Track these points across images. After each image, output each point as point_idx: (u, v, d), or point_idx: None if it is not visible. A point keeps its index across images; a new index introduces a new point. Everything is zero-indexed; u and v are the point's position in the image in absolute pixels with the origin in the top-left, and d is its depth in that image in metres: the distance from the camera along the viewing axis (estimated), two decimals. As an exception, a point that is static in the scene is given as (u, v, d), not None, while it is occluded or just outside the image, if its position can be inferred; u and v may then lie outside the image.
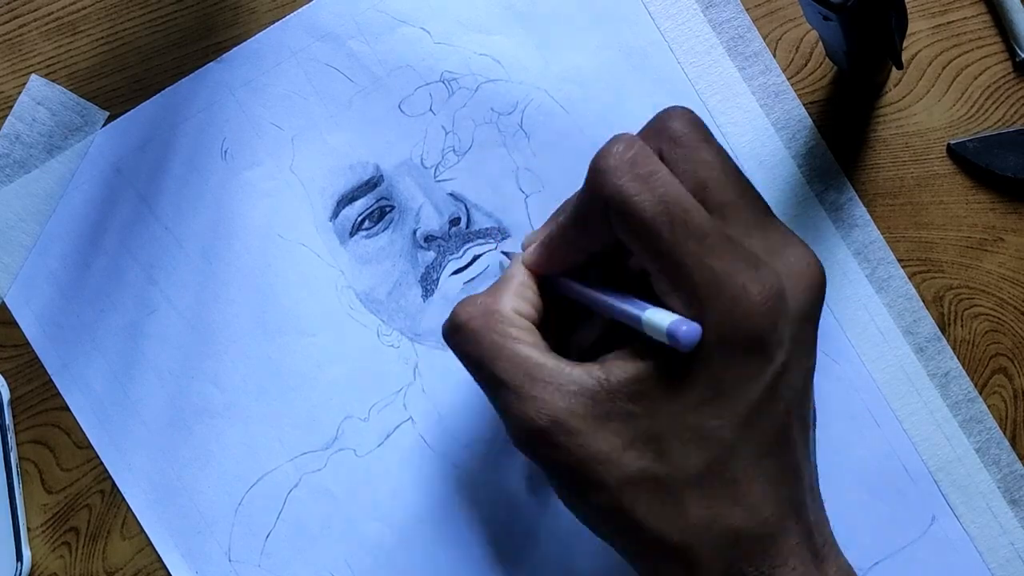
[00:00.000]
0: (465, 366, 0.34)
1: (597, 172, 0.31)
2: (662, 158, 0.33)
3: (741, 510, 0.30)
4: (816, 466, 0.34)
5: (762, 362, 0.30)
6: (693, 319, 0.30)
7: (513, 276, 0.35)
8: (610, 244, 0.33)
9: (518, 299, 0.34)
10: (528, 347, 0.33)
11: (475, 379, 0.34)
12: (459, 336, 0.34)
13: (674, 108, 0.33)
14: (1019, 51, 0.41)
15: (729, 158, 0.33)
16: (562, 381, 0.31)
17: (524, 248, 0.37)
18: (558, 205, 0.43)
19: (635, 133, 0.33)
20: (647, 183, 0.30)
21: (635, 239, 0.31)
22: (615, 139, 0.31)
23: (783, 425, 0.31)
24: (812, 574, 0.32)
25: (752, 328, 0.30)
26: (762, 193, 0.42)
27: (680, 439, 0.30)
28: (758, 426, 0.31)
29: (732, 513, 0.30)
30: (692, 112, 0.33)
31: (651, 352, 0.31)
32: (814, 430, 0.34)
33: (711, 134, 0.33)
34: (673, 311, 0.31)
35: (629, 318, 0.32)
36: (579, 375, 0.31)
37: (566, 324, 0.36)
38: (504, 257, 0.42)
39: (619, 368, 0.31)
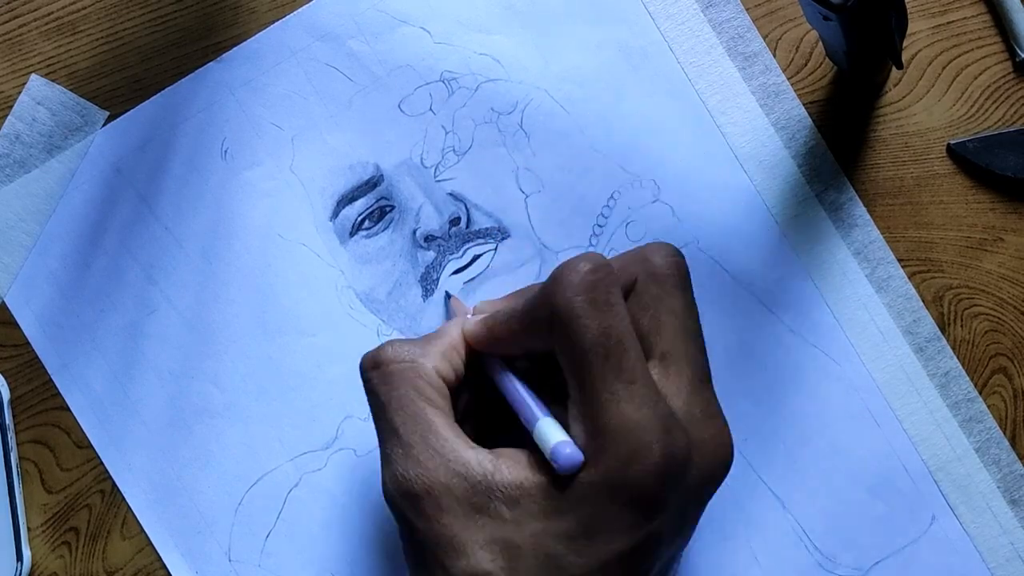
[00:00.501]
0: (370, 402, 0.34)
1: (554, 281, 0.31)
2: (633, 287, 0.33)
3: None
4: None
5: (640, 521, 0.30)
6: (589, 454, 0.30)
7: (447, 334, 0.36)
8: (548, 351, 0.33)
9: (444, 360, 0.35)
10: (435, 412, 0.33)
11: (374, 419, 0.34)
12: (376, 373, 0.34)
13: (663, 244, 0.34)
14: (1019, 51, 0.41)
15: (694, 314, 0.33)
16: (451, 458, 0.32)
17: (475, 313, 0.38)
18: (558, 206, 0.43)
19: (616, 256, 0.34)
20: (598, 310, 0.30)
21: (567, 359, 0.31)
22: (586, 256, 0.32)
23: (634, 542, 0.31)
24: None
25: (642, 485, 0.30)
26: (762, 193, 0.42)
27: (536, 559, 0.30)
28: (609, 543, 0.30)
29: None
30: (679, 254, 0.34)
31: (544, 468, 0.31)
32: None
33: (689, 282, 0.34)
34: (572, 437, 0.31)
35: (526, 419, 0.32)
36: (469, 458, 0.32)
37: (483, 392, 0.36)
38: (450, 297, 0.42)
39: (508, 469, 0.31)
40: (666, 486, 0.30)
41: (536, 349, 0.34)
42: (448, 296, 0.42)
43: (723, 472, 0.33)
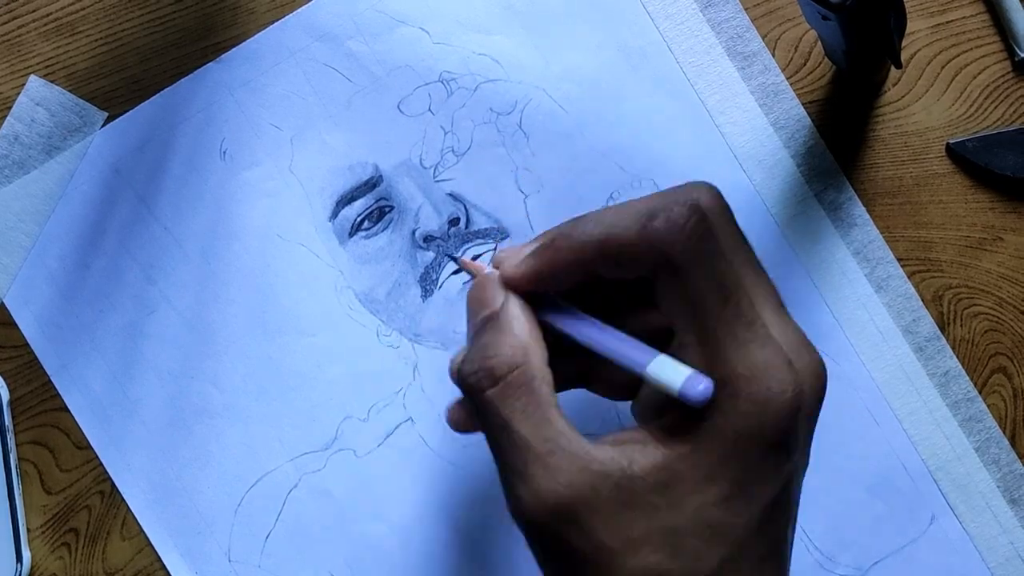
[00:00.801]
0: (487, 420, 0.31)
1: (664, 224, 0.30)
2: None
3: None
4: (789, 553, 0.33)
5: (782, 461, 0.29)
6: (724, 404, 0.29)
7: (518, 315, 0.32)
8: (614, 287, 0.31)
9: (539, 346, 0.31)
10: (557, 413, 0.30)
11: (492, 436, 0.31)
12: (496, 391, 0.31)
13: (705, 187, 0.31)
14: (1018, 50, 0.41)
15: (752, 248, 0.32)
16: (587, 459, 0.29)
17: (497, 262, 0.34)
18: (557, 206, 0.43)
19: (671, 191, 0.31)
20: (709, 258, 0.29)
21: (684, 310, 0.30)
22: (676, 200, 0.30)
23: (787, 526, 0.31)
24: None
25: (779, 427, 0.29)
26: (761, 193, 0.42)
27: (698, 535, 0.29)
28: (770, 526, 0.30)
29: None
30: (721, 193, 0.32)
31: (675, 438, 0.30)
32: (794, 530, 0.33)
33: (735, 219, 0.32)
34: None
35: (632, 361, 0.30)
36: (603, 455, 0.29)
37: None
38: (457, 260, 0.38)
39: (642, 455, 0.29)
40: (799, 421, 0.29)
41: (606, 278, 0.31)
42: (455, 259, 0.40)
43: (823, 393, 0.31)
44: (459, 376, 0.32)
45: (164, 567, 0.43)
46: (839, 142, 0.42)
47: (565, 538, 0.29)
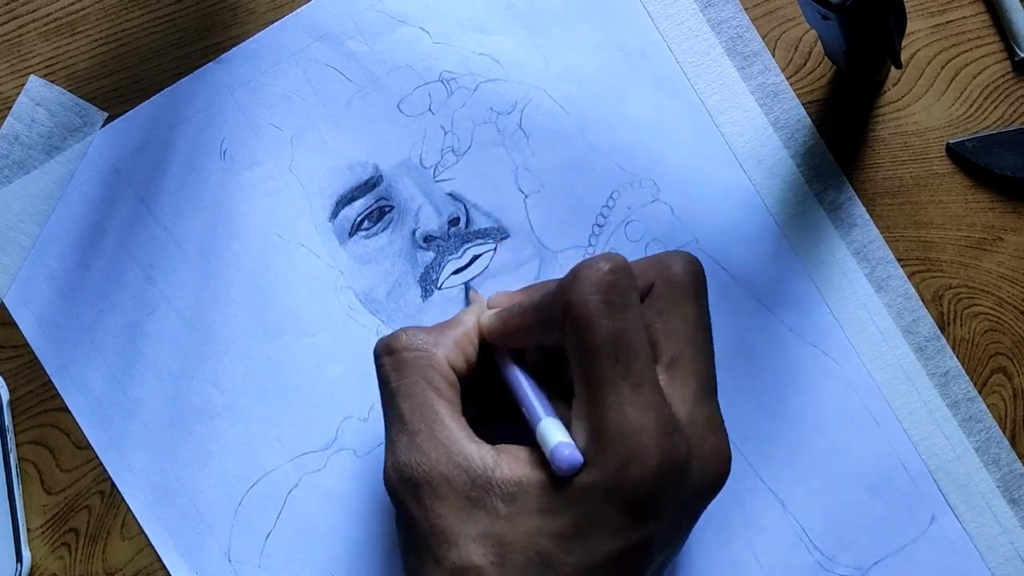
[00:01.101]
0: (380, 388, 0.35)
1: (573, 277, 0.31)
2: (649, 291, 0.33)
3: None
4: None
5: (634, 524, 0.30)
6: (589, 455, 0.30)
7: (462, 323, 0.36)
8: (560, 346, 0.33)
9: (457, 350, 0.35)
10: (443, 403, 0.33)
11: (383, 404, 0.35)
12: (389, 359, 0.35)
13: (682, 253, 0.34)
14: (1018, 50, 0.41)
15: (707, 325, 0.34)
16: (454, 449, 0.32)
17: (489, 305, 0.38)
18: (557, 206, 0.43)
19: (635, 260, 0.34)
20: (612, 311, 0.31)
21: (576, 357, 0.31)
22: (606, 256, 0.32)
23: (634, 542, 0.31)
24: None
25: (639, 489, 0.30)
26: (761, 193, 0.42)
27: (526, 556, 0.30)
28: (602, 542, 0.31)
29: None
30: (698, 264, 0.34)
31: (544, 467, 0.31)
32: None
33: (704, 293, 0.34)
34: (573, 436, 0.31)
35: (530, 416, 0.33)
36: (472, 452, 0.32)
37: (492, 382, 0.37)
38: (469, 290, 0.42)
39: (508, 465, 0.32)
40: (662, 491, 0.30)
41: (548, 344, 0.34)
42: (467, 288, 0.42)
43: (719, 485, 0.33)
44: (375, 345, 0.36)
45: (164, 567, 0.43)
46: (839, 142, 0.42)
47: (410, 511, 0.32)
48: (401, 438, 0.33)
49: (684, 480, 0.31)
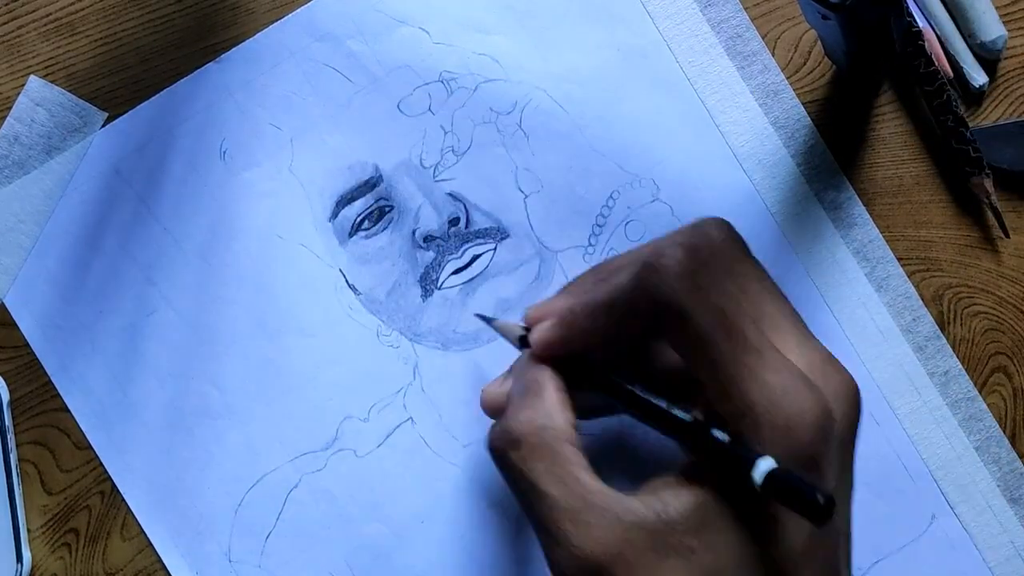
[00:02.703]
0: (515, 484, 0.31)
1: (654, 273, 0.30)
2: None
3: None
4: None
5: (815, 483, 0.28)
6: (748, 435, 0.29)
7: (545, 382, 0.33)
8: (638, 338, 0.31)
9: (567, 411, 0.32)
10: (586, 472, 0.30)
11: (523, 499, 0.31)
12: (518, 454, 0.31)
13: (712, 219, 0.32)
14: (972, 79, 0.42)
15: (767, 274, 0.32)
16: (619, 511, 0.29)
17: (528, 320, 0.35)
18: (557, 206, 0.43)
19: (673, 233, 0.32)
20: (706, 295, 0.29)
21: (690, 350, 0.30)
22: (672, 244, 0.30)
23: (836, 549, 0.30)
24: None
25: (808, 450, 0.28)
26: (761, 192, 0.42)
27: (740, 572, 0.29)
28: (816, 553, 0.29)
29: None
30: (729, 224, 0.32)
31: (703, 478, 0.29)
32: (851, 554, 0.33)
33: (748, 248, 0.32)
34: (722, 422, 0.29)
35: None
36: (635, 505, 0.29)
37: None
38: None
39: (675, 498, 0.29)
40: (827, 441, 0.29)
41: (623, 339, 0.32)
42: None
43: (859, 412, 0.31)
44: (488, 444, 0.32)
45: (164, 567, 0.43)
46: (839, 141, 0.42)
47: None
48: (564, 525, 0.29)
49: (841, 423, 0.30)
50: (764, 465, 0.27)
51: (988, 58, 0.42)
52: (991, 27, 0.41)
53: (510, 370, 0.36)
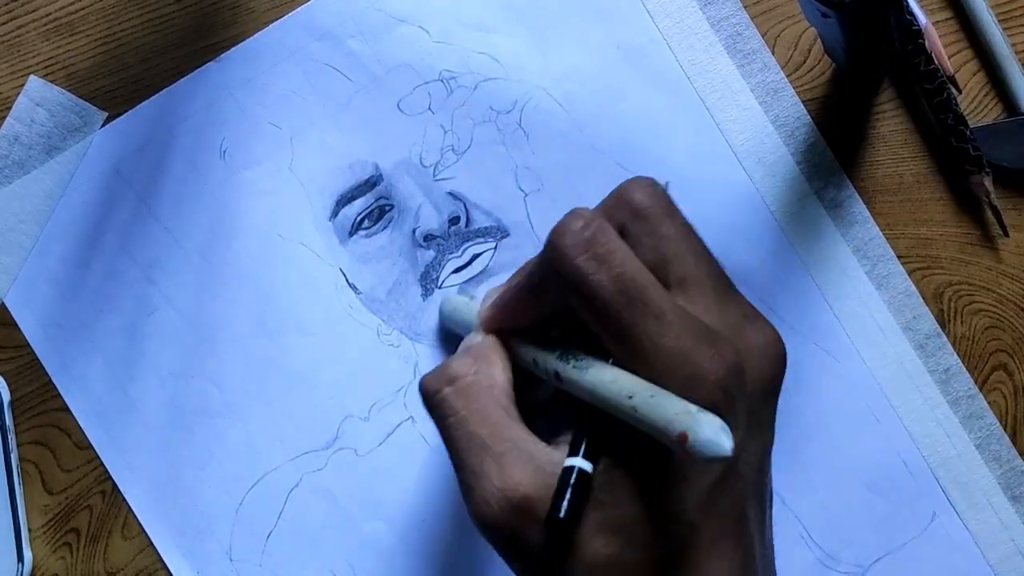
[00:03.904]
0: (443, 423, 0.33)
1: (554, 249, 0.31)
2: (623, 231, 0.32)
3: None
4: (773, 543, 0.34)
5: None
6: None
7: (490, 346, 0.35)
8: (562, 310, 0.32)
9: (507, 372, 0.34)
10: (514, 419, 0.32)
11: (449, 439, 0.32)
12: (451, 390, 0.33)
13: (636, 179, 0.33)
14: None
15: (692, 231, 0.33)
16: (543, 458, 0.31)
17: (484, 302, 0.37)
18: (557, 205, 0.43)
19: (595, 206, 0.33)
20: (604, 262, 0.30)
21: (592, 318, 0.30)
22: (573, 214, 0.31)
23: (741, 503, 0.31)
24: None
25: (708, 406, 0.29)
26: (761, 191, 0.42)
27: (646, 522, 0.30)
28: (718, 504, 0.30)
29: None
30: (655, 183, 0.33)
31: (622, 440, 0.30)
32: (770, 508, 0.34)
33: (675, 206, 0.33)
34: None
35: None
36: (558, 456, 0.31)
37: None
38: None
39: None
40: (732, 400, 0.29)
41: (553, 312, 0.33)
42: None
43: (780, 365, 0.32)
44: (419, 385, 0.34)
45: (165, 567, 0.43)
46: (839, 139, 0.42)
47: (523, 535, 0.30)
48: (488, 466, 0.31)
49: (744, 379, 0.30)
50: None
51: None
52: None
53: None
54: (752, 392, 0.31)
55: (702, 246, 0.33)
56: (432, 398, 0.33)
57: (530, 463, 0.31)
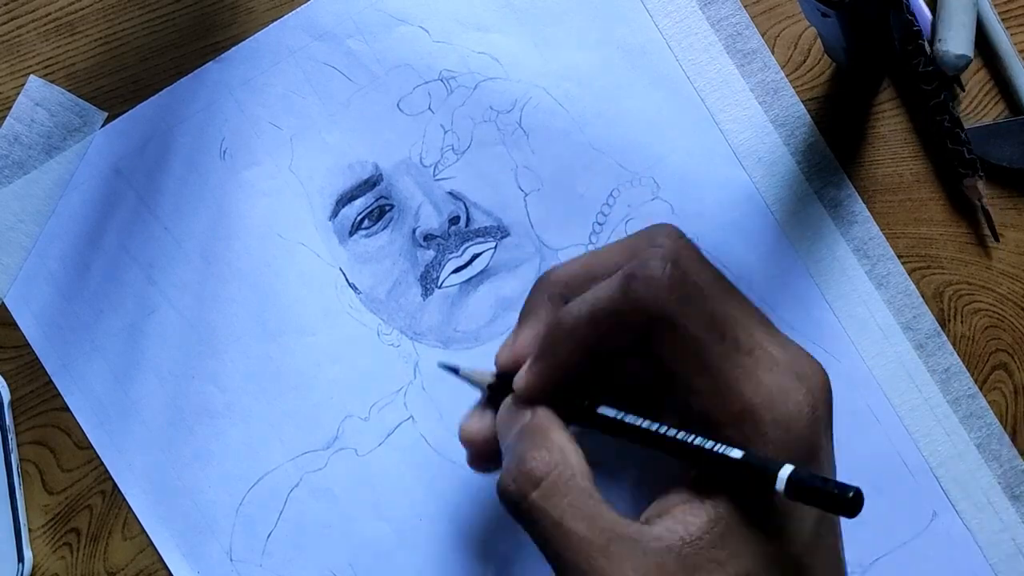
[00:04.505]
0: (535, 527, 0.30)
1: (642, 284, 0.30)
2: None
3: None
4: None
5: (815, 468, 0.29)
6: (750, 435, 0.29)
7: (549, 424, 0.32)
8: (619, 352, 0.31)
9: (578, 448, 0.32)
10: (604, 505, 0.30)
11: (546, 543, 0.30)
12: (538, 493, 0.30)
13: (662, 226, 0.32)
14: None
15: (722, 275, 0.32)
16: (646, 540, 0.29)
17: (501, 366, 0.34)
18: (557, 204, 0.43)
19: (636, 239, 0.32)
20: (695, 300, 0.30)
21: (685, 358, 0.30)
22: (655, 252, 0.30)
23: (838, 536, 0.31)
24: None
25: (806, 441, 0.29)
26: (761, 190, 0.42)
27: (766, 572, 0.29)
28: (825, 543, 0.30)
29: None
30: (678, 228, 0.33)
31: (715, 488, 0.30)
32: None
33: (700, 252, 0.32)
34: (719, 427, 0.29)
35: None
36: (658, 531, 0.29)
37: None
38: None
39: (694, 516, 0.29)
40: (820, 433, 0.30)
41: (603, 357, 0.32)
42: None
43: (831, 395, 0.32)
44: (500, 491, 0.31)
45: (166, 566, 0.43)
46: (839, 139, 0.42)
47: None
48: (596, 561, 0.29)
49: (824, 411, 0.30)
50: (784, 472, 0.28)
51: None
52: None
53: (480, 402, 0.36)
54: (827, 424, 0.31)
55: (735, 288, 0.32)
56: (520, 507, 0.31)
57: (636, 548, 0.29)
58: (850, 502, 0.27)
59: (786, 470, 0.28)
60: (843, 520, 0.42)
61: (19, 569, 0.42)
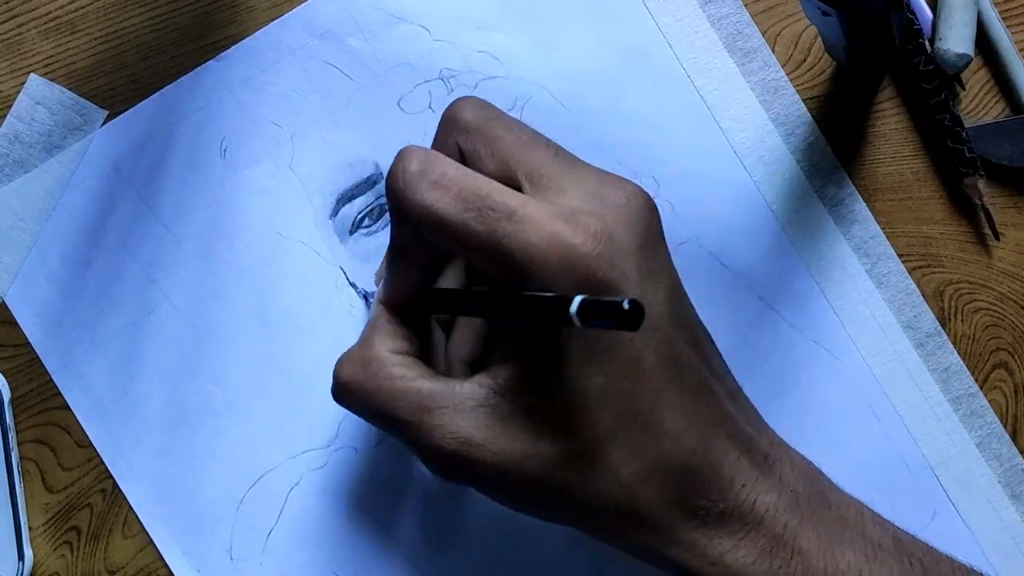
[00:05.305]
0: (367, 420, 0.34)
1: (393, 195, 0.31)
2: (461, 151, 0.33)
3: (666, 449, 0.30)
4: (733, 377, 0.34)
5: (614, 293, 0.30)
6: (546, 285, 0.30)
7: (376, 318, 0.35)
8: (442, 253, 0.33)
9: (390, 339, 0.34)
10: (415, 380, 0.33)
11: (380, 428, 0.34)
12: (349, 397, 0.34)
13: (459, 99, 0.33)
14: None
15: (521, 125, 0.33)
16: (456, 401, 0.31)
17: (376, 283, 0.37)
18: (557, 202, 0.43)
19: (431, 143, 0.34)
20: (441, 186, 0.30)
21: (452, 243, 0.31)
22: (400, 156, 0.32)
23: (670, 352, 0.31)
24: (765, 484, 0.32)
25: (591, 277, 0.29)
26: (761, 189, 0.42)
27: (581, 408, 0.30)
28: (644, 363, 0.30)
29: (659, 456, 0.30)
30: (476, 97, 0.34)
31: (524, 343, 0.31)
32: (712, 342, 0.34)
33: (499, 111, 0.33)
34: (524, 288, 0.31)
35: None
36: (470, 389, 0.32)
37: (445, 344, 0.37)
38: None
39: (503, 369, 0.31)
40: (608, 262, 0.30)
41: (431, 261, 0.34)
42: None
43: (649, 213, 0.32)
44: (333, 396, 0.35)
45: (166, 565, 0.43)
46: (840, 138, 0.42)
47: (475, 474, 0.31)
48: (413, 435, 0.32)
49: (616, 237, 0.30)
50: (574, 305, 0.28)
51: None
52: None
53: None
54: (632, 248, 0.31)
55: (533, 134, 0.33)
56: (343, 404, 0.34)
57: (445, 412, 0.31)
58: (626, 313, 0.26)
59: (575, 302, 0.28)
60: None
61: (19, 567, 0.42)
